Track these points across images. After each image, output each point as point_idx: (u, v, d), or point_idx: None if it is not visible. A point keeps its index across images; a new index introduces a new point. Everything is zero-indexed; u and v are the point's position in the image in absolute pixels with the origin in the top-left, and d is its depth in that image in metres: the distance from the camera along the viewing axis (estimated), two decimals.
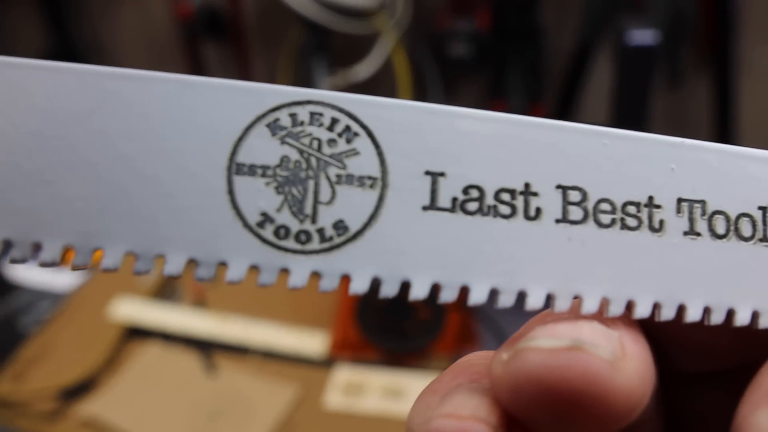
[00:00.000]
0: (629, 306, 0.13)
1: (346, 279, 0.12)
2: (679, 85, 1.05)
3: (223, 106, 0.12)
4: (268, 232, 0.12)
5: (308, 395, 0.61)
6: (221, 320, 0.67)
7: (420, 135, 0.12)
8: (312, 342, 0.66)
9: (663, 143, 0.13)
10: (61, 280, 0.77)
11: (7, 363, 0.64)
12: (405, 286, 0.12)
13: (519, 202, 0.12)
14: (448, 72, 1.08)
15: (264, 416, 0.59)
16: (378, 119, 0.12)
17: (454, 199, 0.12)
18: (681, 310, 0.13)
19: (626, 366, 0.12)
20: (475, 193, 0.12)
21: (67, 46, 1.28)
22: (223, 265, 0.12)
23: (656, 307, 0.13)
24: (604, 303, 0.12)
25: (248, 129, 0.12)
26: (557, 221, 0.12)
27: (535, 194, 0.12)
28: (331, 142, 0.12)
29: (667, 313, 0.13)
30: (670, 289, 0.13)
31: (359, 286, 0.12)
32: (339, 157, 0.12)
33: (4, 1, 1.31)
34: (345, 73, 1.04)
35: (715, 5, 0.91)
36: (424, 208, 0.12)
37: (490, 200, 0.12)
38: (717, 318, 0.13)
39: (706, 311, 0.13)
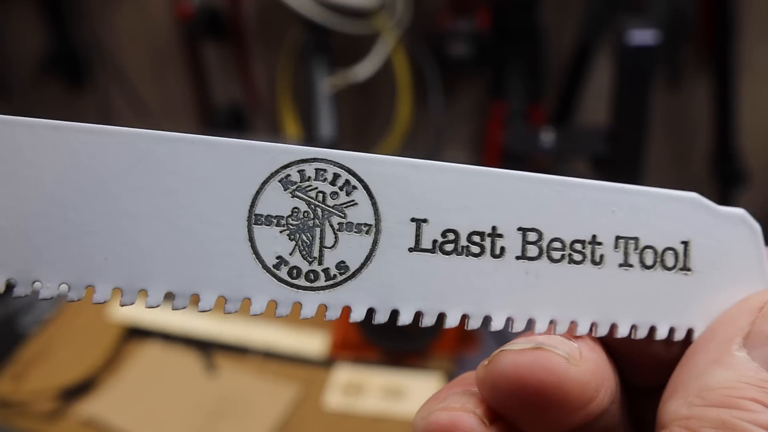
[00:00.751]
0: (572, 326, 0.15)
1: (347, 309, 0.14)
2: (679, 85, 1.05)
3: (242, 164, 0.14)
4: (283, 272, 0.14)
5: (308, 395, 0.61)
6: (221, 320, 0.67)
7: (407, 187, 0.14)
8: (312, 342, 0.66)
9: (607, 189, 0.15)
10: None
11: (7, 363, 0.64)
12: (394, 314, 0.14)
13: (487, 242, 0.15)
14: (448, 72, 1.08)
15: (264, 416, 0.59)
16: (372, 174, 0.14)
17: (435, 242, 0.14)
18: (613, 327, 0.15)
19: (581, 364, 0.15)
20: (451, 236, 0.14)
21: (67, 46, 1.28)
22: (247, 300, 0.14)
23: (594, 325, 0.15)
24: (552, 324, 0.15)
25: (264, 184, 0.14)
26: (517, 258, 0.15)
27: (500, 236, 0.15)
28: (334, 194, 0.14)
29: (602, 331, 0.15)
30: (606, 311, 0.15)
31: (357, 315, 0.14)
32: (340, 207, 0.14)
33: (4, 1, 1.31)
34: (345, 73, 1.04)
35: (715, 5, 0.91)
36: (410, 250, 0.14)
37: (463, 241, 0.14)
38: (641, 334, 0.15)
39: (633, 328, 0.15)
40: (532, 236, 0.15)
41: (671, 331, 0.16)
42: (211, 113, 1.24)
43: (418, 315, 0.14)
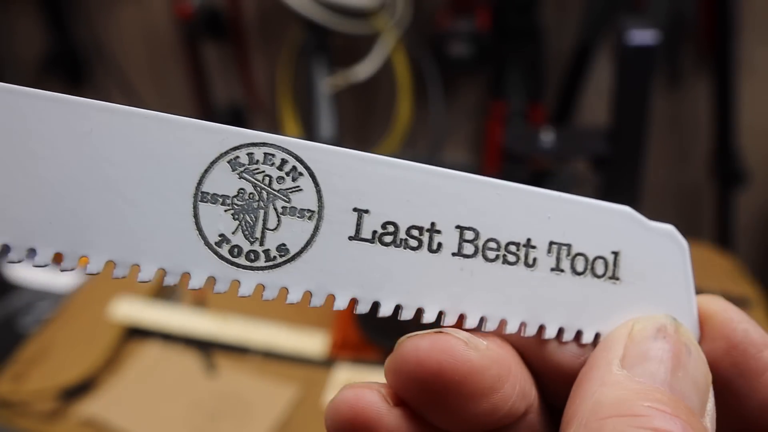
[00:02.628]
0: (501, 324, 0.16)
1: (284, 291, 0.14)
2: (679, 85, 1.05)
3: (193, 142, 0.15)
4: (224, 250, 0.14)
5: (308, 395, 0.61)
6: (221, 320, 0.67)
7: (352, 177, 0.15)
8: (312, 342, 0.66)
9: (545, 196, 0.16)
10: (61, 280, 0.77)
11: (7, 363, 0.64)
12: (330, 300, 0.15)
13: (425, 237, 0.15)
14: (448, 72, 1.08)
15: (264, 416, 0.59)
16: (319, 162, 0.15)
17: (374, 232, 0.15)
18: (541, 329, 0.16)
19: (480, 349, 0.15)
20: (391, 228, 0.15)
21: (67, 46, 1.28)
22: (186, 274, 0.15)
23: (522, 325, 0.16)
24: (483, 320, 0.16)
25: (213, 163, 0.15)
26: (453, 254, 0.15)
27: (438, 232, 0.15)
28: (280, 179, 0.15)
29: (531, 331, 0.16)
30: (535, 312, 0.16)
31: (294, 297, 0.15)
32: (285, 192, 0.15)
33: (4, 1, 1.31)
34: (345, 73, 1.04)
35: (715, 5, 0.91)
36: (350, 238, 0.15)
37: (402, 234, 0.15)
38: (568, 337, 0.16)
39: (560, 331, 0.16)
40: (469, 235, 0.15)
41: (596, 336, 0.16)
42: (211, 113, 1.24)
43: (353, 302, 0.15)
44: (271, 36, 1.21)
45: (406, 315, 0.15)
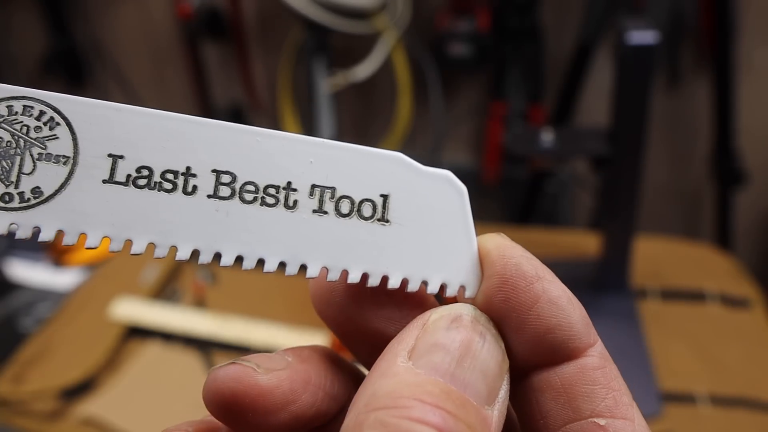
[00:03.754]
0: (260, 262, 0.16)
1: (36, 229, 0.16)
2: (678, 85, 1.05)
3: None
4: None
5: None
6: (221, 320, 0.67)
7: (108, 126, 0.16)
8: (312, 342, 0.65)
9: (306, 142, 0.17)
10: (61, 280, 0.77)
11: (7, 363, 0.64)
12: (82, 238, 0.16)
13: (180, 180, 0.16)
14: (448, 72, 1.08)
15: None
16: (77, 113, 0.16)
17: (129, 176, 0.16)
18: (303, 268, 0.17)
19: (271, 373, 0.17)
20: (145, 172, 0.16)
21: (67, 46, 1.28)
22: None
23: (282, 265, 0.16)
24: (240, 259, 0.16)
25: None
26: (209, 196, 0.16)
27: (194, 175, 0.16)
28: (38, 128, 0.16)
29: (291, 270, 0.16)
30: (295, 253, 0.16)
31: (46, 236, 0.16)
32: (42, 140, 0.16)
33: (4, 1, 1.31)
34: (345, 73, 1.04)
35: (715, 5, 0.91)
36: (104, 182, 0.16)
37: (156, 178, 0.16)
38: (332, 276, 0.17)
39: (324, 269, 0.17)
40: (225, 178, 0.16)
41: (364, 276, 0.17)
42: (211, 113, 1.24)
43: (106, 240, 0.16)
44: (271, 36, 1.21)
45: (159, 253, 0.16)
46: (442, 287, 0.17)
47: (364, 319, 0.18)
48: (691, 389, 0.57)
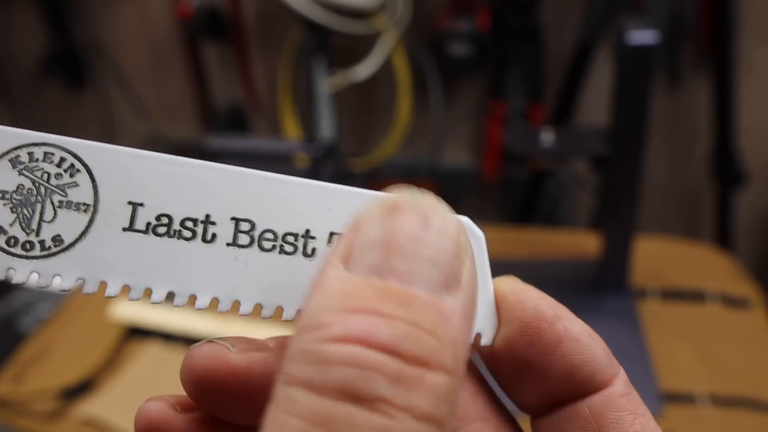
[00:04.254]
0: (278, 311, 0.16)
1: (57, 277, 0.16)
2: (678, 85, 1.05)
3: None
4: (1, 240, 0.15)
5: None
6: (221, 320, 0.67)
7: (128, 173, 0.16)
8: None
9: (325, 189, 0.16)
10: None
11: (7, 363, 0.64)
12: (103, 286, 0.16)
13: (199, 228, 0.16)
14: (448, 72, 1.08)
15: None
16: (97, 160, 0.16)
17: (148, 224, 0.16)
18: None
19: (248, 354, 0.16)
20: (165, 220, 0.16)
21: (67, 46, 1.28)
22: None
23: (299, 313, 0.16)
24: (257, 308, 0.16)
25: None
26: (228, 244, 0.16)
27: (213, 223, 0.16)
28: (58, 175, 0.15)
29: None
30: None
31: (66, 284, 0.16)
32: (63, 187, 0.16)
33: (4, 1, 1.31)
34: (345, 73, 1.04)
35: (715, 5, 0.91)
36: (124, 229, 0.16)
37: (176, 226, 0.16)
38: None
39: None
40: (244, 226, 0.16)
41: None
42: (211, 113, 1.24)
43: (126, 289, 0.16)
44: (271, 36, 1.21)
45: (179, 302, 0.16)
46: None
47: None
48: (691, 389, 0.57)
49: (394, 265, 0.13)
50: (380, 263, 0.13)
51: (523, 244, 0.70)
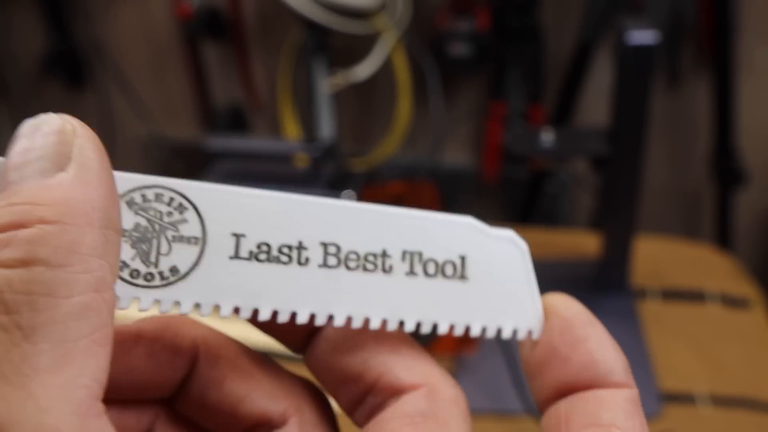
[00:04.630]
0: (365, 322, 0.18)
1: (177, 304, 0.18)
2: (678, 85, 1.05)
3: None
4: (125, 273, 0.17)
5: None
6: (221, 320, 0.67)
7: (231, 209, 0.18)
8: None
9: (395, 215, 0.19)
10: None
11: None
12: (216, 309, 0.18)
13: (294, 253, 0.18)
14: (448, 72, 1.08)
15: None
16: (202, 198, 0.18)
17: (251, 252, 0.18)
18: (401, 324, 0.19)
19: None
20: (264, 248, 0.18)
21: (67, 46, 1.28)
22: None
23: (384, 322, 0.19)
24: (349, 319, 0.18)
25: None
26: (319, 266, 0.18)
27: (305, 248, 0.18)
28: (169, 213, 0.17)
29: (391, 326, 0.19)
30: (394, 310, 0.19)
31: (185, 309, 0.18)
32: (174, 223, 0.17)
33: (4, 1, 1.31)
34: (345, 73, 1.04)
35: (715, 5, 0.91)
36: (230, 258, 0.18)
37: (275, 252, 0.18)
38: (425, 329, 0.19)
39: (418, 325, 0.19)
40: (332, 249, 0.18)
41: (451, 327, 0.19)
42: (211, 113, 1.24)
43: (236, 310, 0.18)
44: (271, 36, 1.21)
45: (282, 319, 0.18)
46: (514, 332, 0.19)
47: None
48: (691, 389, 0.57)
49: (10, 178, 0.14)
50: None
51: None
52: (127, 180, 0.17)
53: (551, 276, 0.67)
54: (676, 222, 1.16)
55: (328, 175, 0.69)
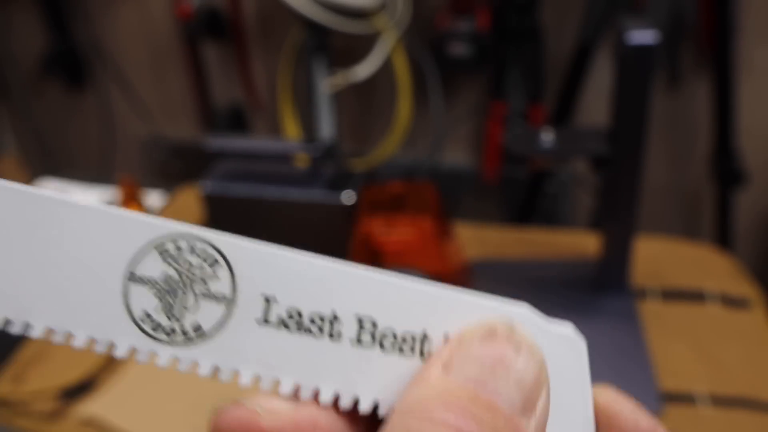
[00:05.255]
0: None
1: (195, 364, 0.17)
2: (678, 85, 1.05)
3: (130, 231, 0.17)
4: (147, 325, 0.16)
5: None
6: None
7: (265, 270, 0.17)
8: None
9: (443, 297, 0.17)
10: None
11: (7, 363, 0.64)
12: (236, 375, 0.17)
13: (326, 325, 0.17)
14: (448, 72, 1.08)
15: None
16: (237, 254, 0.17)
17: (281, 318, 0.17)
18: None
19: (276, 415, 0.17)
20: (296, 315, 0.17)
21: (67, 46, 1.28)
22: (113, 344, 0.17)
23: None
24: (377, 404, 0.17)
25: (144, 250, 0.17)
26: (351, 342, 0.17)
27: (338, 321, 0.17)
28: (201, 267, 0.17)
29: None
30: None
31: (204, 371, 0.17)
32: (204, 278, 0.17)
33: (4, 1, 1.31)
34: (345, 73, 1.04)
35: (715, 5, 0.91)
36: (258, 322, 0.17)
37: (306, 322, 0.17)
38: None
39: None
40: (367, 325, 0.17)
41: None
42: (211, 113, 1.24)
43: (256, 379, 0.17)
44: (271, 36, 1.21)
45: (305, 395, 0.17)
46: None
47: None
48: (691, 389, 0.57)
49: (487, 382, 0.16)
50: (476, 376, 0.16)
51: (523, 244, 0.70)
52: (160, 226, 0.17)
53: (551, 276, 0.67)
54: (676, 222, 1.16)
55: (328, 175, 0.69)
